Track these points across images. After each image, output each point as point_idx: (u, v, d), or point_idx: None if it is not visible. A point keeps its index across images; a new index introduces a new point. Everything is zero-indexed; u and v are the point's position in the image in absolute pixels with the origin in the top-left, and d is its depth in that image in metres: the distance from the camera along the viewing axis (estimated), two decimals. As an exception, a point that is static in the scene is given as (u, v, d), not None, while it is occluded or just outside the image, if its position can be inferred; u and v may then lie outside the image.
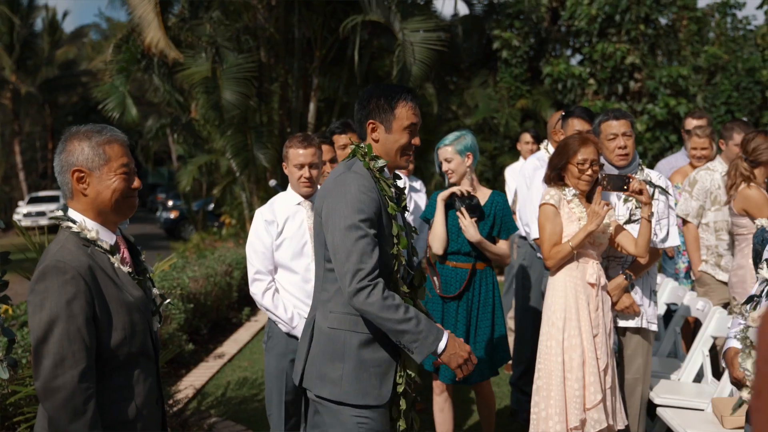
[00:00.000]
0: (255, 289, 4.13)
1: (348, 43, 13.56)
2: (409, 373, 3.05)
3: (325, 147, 4.58)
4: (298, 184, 4.12)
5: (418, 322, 2.86)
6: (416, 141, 3.12)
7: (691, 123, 6.46)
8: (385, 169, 3.09)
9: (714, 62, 15.69)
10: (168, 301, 2.63)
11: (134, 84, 20.12)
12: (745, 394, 2.14)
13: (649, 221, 4.11)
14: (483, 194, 4.74)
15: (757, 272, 2.83)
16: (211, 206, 21.26)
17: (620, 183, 4.15)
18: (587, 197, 4.27)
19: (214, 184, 19.73)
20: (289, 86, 14.25)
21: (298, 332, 4.06)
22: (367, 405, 2.95)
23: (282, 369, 4.12)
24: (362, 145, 3.11)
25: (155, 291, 2.58)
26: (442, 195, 4.66)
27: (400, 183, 3.21)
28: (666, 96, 14.33)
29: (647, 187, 4.43)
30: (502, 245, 4.68)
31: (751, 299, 2.69)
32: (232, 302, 9.33)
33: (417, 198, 5.83)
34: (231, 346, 7.93)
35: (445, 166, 4.70)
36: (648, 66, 14.95)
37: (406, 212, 3.30)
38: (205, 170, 19.92)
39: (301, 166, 4.08)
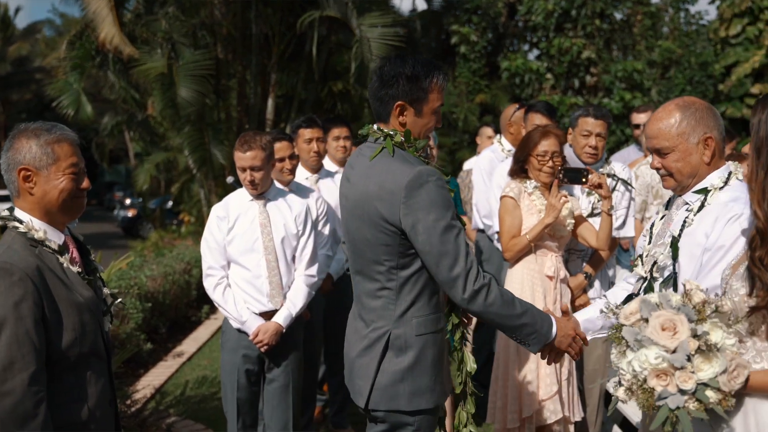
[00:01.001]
0: (207, 284, 4.18)
1: (306, 39, 13.49)
2: (469, 370, 2.93)
3: (284, 144, 4.57)
4: (244, 185, 4.15)
5: (533, 313, 2.74)
6: (439, 122, 2.89)
7: (638, 117, 6.55)
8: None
9: (668, 56, 15.96)
10: (119, 300, 2.59)
11: (89, 81, 19.79)
12: (621, 393, 2.16)
13: (610, 215, 4.14)
14: None
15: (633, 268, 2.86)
16: (170, 204, 21.04)
17: (578, 176, 4.15)
18: (551, 189, 4.30)
19: (173, 181, 19.53)
20: (247, 82, 14.14)
21: (248, 328, 4.08)
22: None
23: (234, 364, 4.13)
24: (392, 132, 2.79)
25: (106, 291, 2.55)
26: None
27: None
28: (621, 90, 14.55)
29: (611, 179, 4.50)
30: None
31: (629, 298, 2.71)
32: (191, 300, 9.24)
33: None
34: (190, 344, 7.86)
35: None
36: (604, 60, 15.16)
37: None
38: (163, 168, 19.71)
39: (243, 170, 4.09)
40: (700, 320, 2.07)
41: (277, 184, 4.58)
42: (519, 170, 4.32)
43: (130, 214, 24.66)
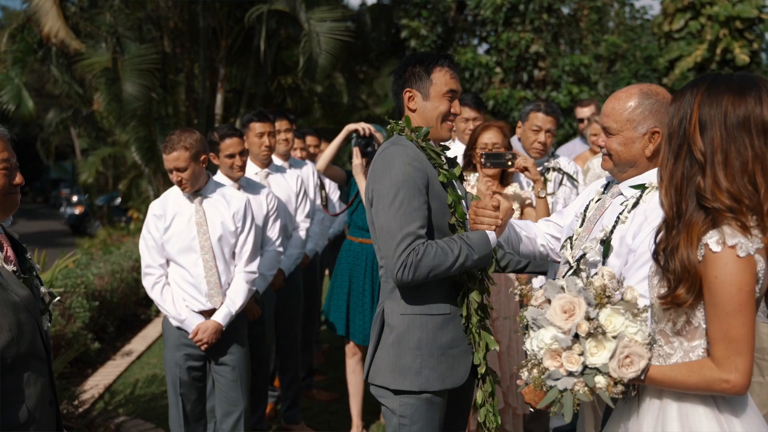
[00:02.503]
0: (145, 283, 4.16)
1: (254, 33, 13.38)
2: (492, 349, 2.92)
3: (234, 140, 4.54)
4: (177, 185, 4.12)
5: (468, 245, 2.74)
6: (456, 109, 2.97)
7: (582, 111, 6.63)
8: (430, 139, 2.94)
9: (614, 51, 16.23)
10: (58, 298, 2.54)
11: (33, 75, 19.36)
12: (525, 375, 2.18)
13: (543, 197, 4.11)
14: None
15: (561, 251, 2.88)
16: (118, 201, 20.69)
17: (502, 160, 4.13)
18: (501, 182, 4.33)
19: (121, 177, 19.21)
20: (195, 77, 13.97)
21: (187, 326, 4.06)
22: (444, 390, 2.85)
23: (175, 362, 4.11)
24: (399, 122, 2.97)
25: (43, 289, 2.49)
26: (349, 126, 4.76)
27: (449, 154, 3.04)
28: (569, 84, 14.74)
29: (557, 173, 4.55)
30: None
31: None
32: (140, 298, 9.11)
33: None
34: (139, 343, 7.75)
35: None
36: (551, 55, 15.33)
37: (464, 182, 3.12)
38: (110, 163, 19.36)
39: (170, 171, 4.06)
40: (599, 305, 2.08)
41: (227, 181, 4.53)
42: (467, 164, 4.38)
43: (77, 211, 24.18)
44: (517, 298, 2.41)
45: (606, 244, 2.60)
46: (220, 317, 4.09)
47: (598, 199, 2.82)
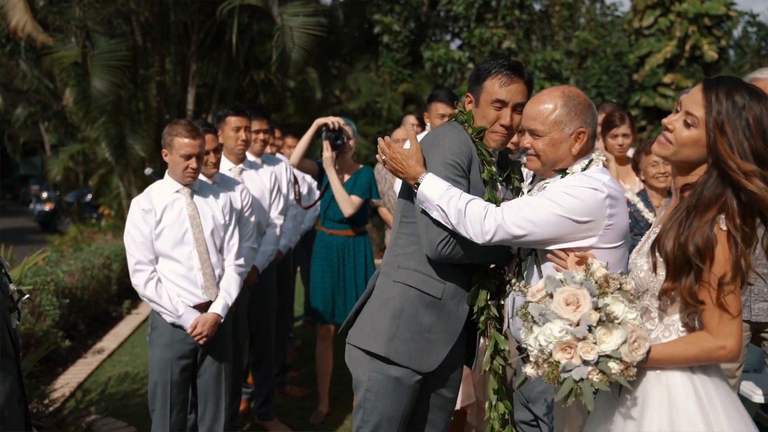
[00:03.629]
0: (136, 281, 4.04)
1: (226, 28, 13.29)
2: (502, 348, 2.90)
3: (210, 136, 4.51)
4: (183, 174, 4.06)
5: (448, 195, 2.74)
6: (505, 120, 2.90)
7: None
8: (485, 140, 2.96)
9: (585, 47, 16.35)
10: (27, 296, 2.51)
11: (1, 70, 19.04)
12: (529, 370, 2.23)
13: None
14: (353, 169, 5.19)
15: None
16: (89, 197, 20.44)
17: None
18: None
19: (91, 174, 18.98)
20: (166, 72, 13.83)
21: (184, 321, 4.01)
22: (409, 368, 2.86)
23: (167, 361, 4.06)
24: (463, 111, 3.01)
25: (12, 287, 2.46)
26: (319, 120, 4.98)
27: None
28: (541, 79, 14.83)
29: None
30: (353, 198, 5.10)
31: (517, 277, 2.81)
32: (112, 296, 9.03)
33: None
34: (111, 340, 7.68)
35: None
36: (524, 50, 15.43)
37: (507, 188, 3.09)
38: (81, 159, 19.13)
39: (188, 157, 4.02)
40: (602, 294, 2.15)
41: (202, 177, 4.51)
42: None
43: (47, 208, 23.84)
44: (513, 293, 2.45)
45: None
46: (219, 308, 4.10)
47: (529, 192, 2.90)
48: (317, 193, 6.05)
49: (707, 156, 2.14)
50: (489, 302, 2.92)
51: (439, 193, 2.65)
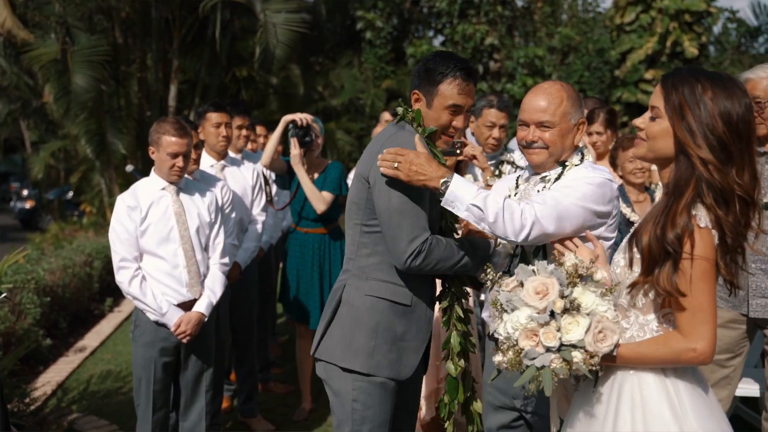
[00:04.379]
0: (121, 277, 4.01)
1: (208, 24, 13.23)
2: (459, 350, 2.90)
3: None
4: (169, 172, 4.05)
5: (471, 247, 2.79)
6: (458, 123, 2.85)
7: None
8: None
9: (567, 43, 16.42)
10: (4, 294, 2.49)
11: (-22, 66, 18.85)
12: (497, 357, 2.25)
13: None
14: (321, 166, 5.18)
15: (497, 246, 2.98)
16: (70, 194, 20.29)
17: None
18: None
19: (72, 171, 18.85)
20: (147, 68, 13.75)
21: (168, 319, 4.00)
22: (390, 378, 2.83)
23: (150, 358, 4.05)
24: (411, 109, 2.89)
25: (-10, 285, 2.45)
26: (286, 117, 4.93)
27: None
28: (523, 75, 14.89)
29: (510, 167, 4.58)
30: (324, 194, 5.07)
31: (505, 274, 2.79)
32: (93, 293, 8.96)
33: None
34: (93, 338, 7.63)
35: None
36: (506, 47, 15.48)
37: None
38: (62, 156, 18.99)
39: (175, 155, 4.01)
40: (570, 283, 2.16)
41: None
42: None
43: (28, 205, 23.64)
44: (488, 284, 2.46)
45: None
46: (203, 307, 4.08)
47: (515, 194, 2.90)
48: (285, 194, 6.05)
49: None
50: (455, 303, 2.94)
51: (472, 193, 2.60)
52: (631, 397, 2.17)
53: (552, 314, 2.13)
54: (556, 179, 2.75)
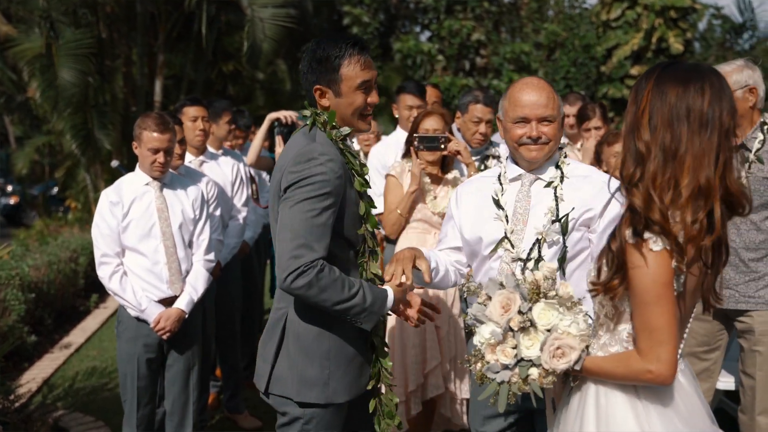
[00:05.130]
0: (102, 273, 4.02)
1: (194, 19, 13.16)
2: (384, 363, 2.80)
3: (175, 128, 4.48)
4: (151, 167, 4.04)
5: (366, 295, 2.59)
6: (373, 99, 2.73)
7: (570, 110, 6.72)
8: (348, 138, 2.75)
9: (553, 39, 16.45)
10: (-12, 292, 2.48)
11: (-38, 61, 18.67)
12: (473, 367, 2.25)
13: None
14: None
15: None
16: (55, 190, 20.14)
17: (435, 143, 4.20)
18: (442, 168, 4.36)
19: (57, 166, 18.72)
20: (133, 63, 13.67)
21: (147, 315, 4.00)
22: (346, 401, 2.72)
23: (133, 354, 4.05)
24: (320, 112, 2.71)
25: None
26: (271, 115, 4.75)
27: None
28: (510, 71, 14.92)
29: (496, 161, 4.60)
30: None
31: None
32: (79, 290, 8.92)
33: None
34: (78, 335, 7.61)
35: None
36: (493, 42, 15.50)
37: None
38: (46, 152, 18.85)
39: (156, 151, 4.00)
40: (531, 299, 2.13)
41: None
42: (407, 151, 4.39)
43: (12, 201, 23.44)
44: (465, 294, 2.47)
45: (565, 221, 2.72)
46: (183, 304, 4.07)
47: (503, 193, 2.88)
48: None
49: None
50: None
51: None
52: (595, 404, 2.13)
53: (511, 330, 2.12)
54: (561, 180, 2.81)
